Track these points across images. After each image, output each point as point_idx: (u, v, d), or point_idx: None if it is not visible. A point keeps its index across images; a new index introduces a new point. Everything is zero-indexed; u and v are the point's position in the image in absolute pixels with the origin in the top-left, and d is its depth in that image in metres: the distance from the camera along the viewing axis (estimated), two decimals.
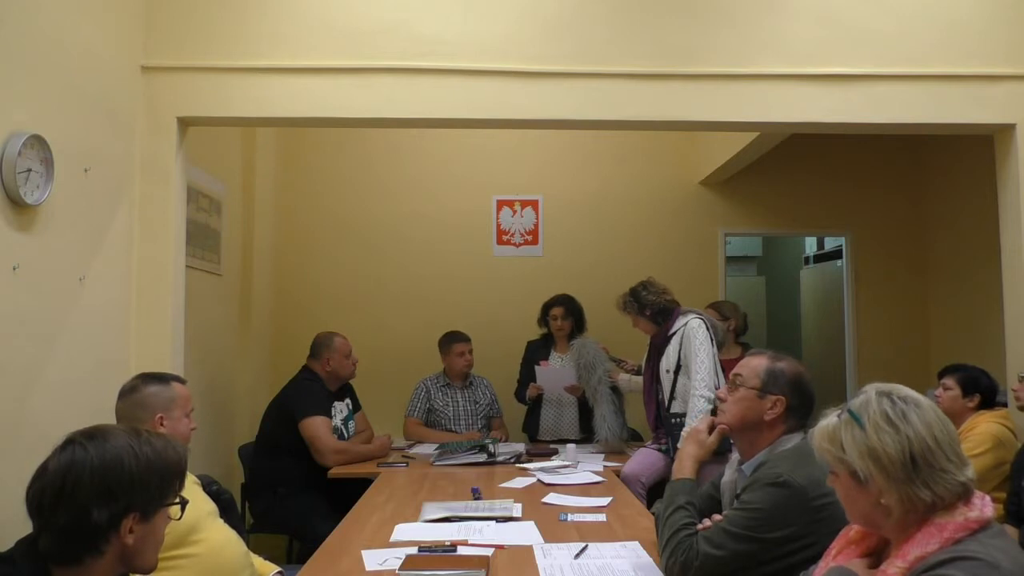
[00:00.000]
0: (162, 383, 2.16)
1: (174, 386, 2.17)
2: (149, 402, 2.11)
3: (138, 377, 2.18)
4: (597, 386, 3.88)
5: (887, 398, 1.24)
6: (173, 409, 2.13)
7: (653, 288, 3.52)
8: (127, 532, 1.27)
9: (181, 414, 2.15)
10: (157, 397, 2.12)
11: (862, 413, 1.23)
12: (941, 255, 5.12)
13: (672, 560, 1.74)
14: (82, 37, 2.57)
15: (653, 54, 3.14)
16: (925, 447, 1.18)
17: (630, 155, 5.14)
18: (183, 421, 2.16)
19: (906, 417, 1.20)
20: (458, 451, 3.49)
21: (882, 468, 1.19)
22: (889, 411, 1.21)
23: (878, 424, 1.21)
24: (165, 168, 3.00)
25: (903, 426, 1.20)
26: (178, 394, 2.16)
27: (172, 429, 2.10)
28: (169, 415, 2.11)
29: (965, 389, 3.17)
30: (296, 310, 4.94)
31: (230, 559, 2.03)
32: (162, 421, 2.09)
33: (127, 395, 2.13)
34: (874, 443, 1.20)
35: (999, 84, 3.16)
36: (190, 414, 2.19)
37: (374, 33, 3.09)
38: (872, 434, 1.20)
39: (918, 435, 1.19)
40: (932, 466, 1.17)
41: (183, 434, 2.14)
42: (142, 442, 1.32)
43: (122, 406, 2.12)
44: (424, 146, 5.09)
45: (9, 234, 2.17)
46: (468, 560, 1.86)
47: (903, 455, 1.18)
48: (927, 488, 1.17)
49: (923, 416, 1.21)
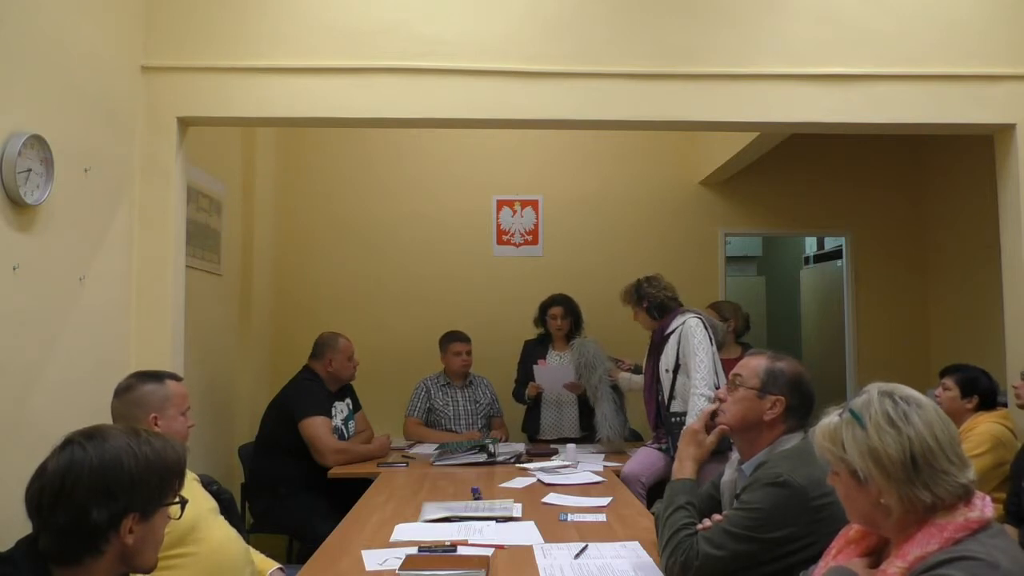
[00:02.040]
0: (157, 381, 2.13)
1: (169, 384, 2.14)
2: (143, 401, 2.09)
3: (133, 376, 2.16)
4: (598, 385, 3.88)
5: (889, 398, 1.23)
6: (167, 408, 2.11)
7: (656, 283, 3.54)
8: (127, 532, 1.27)
9: (176, 412, 2.13)
10: (151, 396, 2.10)
11: (863, 413, 1.22)
12: (941, 255, 5.12)
13: (672, 560, 1.74)
14: (82, 37, 2.57)
15: (653, 54, 3.14)
16: (926, 448, 1.18)
17: (630, 155, 5.14)
18: (179, 420, 2.14)
19: (907, 418, 1.20)
20: (458, 451, 3.49)
21: (882, 468, 1.19)
22: (891, 411, 1.21)
23: (879, 424, 1.20)
24: (165, 168, 3.00)
25: (904, 427, 1.19)
26: (173, 392, 2.13)
27: (167, 428, 2.08)
28: (163, 414, 2.09)
29: (964, 390, 3.16)
30: (296, 310, 4.94)
31: (231, 557, 2.03)
32: (156, 421, 2.08)
33: (122, 394, 2.12)
34: (875, 443, 1.19)
35: (999, 84, 3.16)
36: (187, 412, 2.17)
37: (374, 33, 3.09)
38: (873, 434, 1.20)
39: (919, 436, 1.18)
40: (933, 467, 1.17)
41: (180, 433, 2.12)
42: (141, 442, 1.32)
43: (117, 405, 2.11)
44: (424, 146, 5.09)
45: (9, 234, 2.17)
46: (468, 560, 1.86)
47: (904, 456, 1.17)
48: (927, 489, 1.17)
49: (925, 417, 1.20)
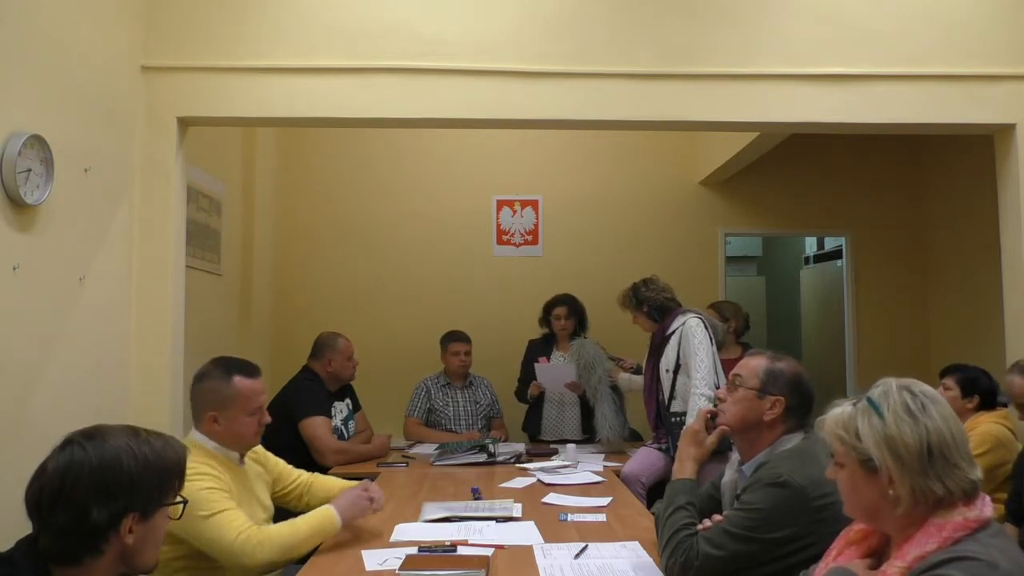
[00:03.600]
0: (224, 377, 2.04)
1: (236, 382, 2.04)
2: (204, 398, 2.04)
3: (209, 363, 2.08)
4: (597, 385, 3.88)
5: (907, 391, 1.24)
6: (229, 407, 2.02)
7: (653, 285, 3.53)
8: (127, 532, 1.27)
9: (240, 413, 2.03)
10: (212, 394, 2.03)
11: (881, 402, 1.23)
12: (941, 255, 5.12)
13: (672, 560, 1.74)
14: (82, 37, 2.57)
15: (653, 54, 3.14)
16: (943, 440, 1.19)
17: (630, 155, 5.14)
18: (242, 421, 2.04)
19: (925, 409, 1.21)
20: (458, 451, 3.49)
21: (898, 457, 1.19)
22: (909, 402, 1.22)
23: (898, 413, 1.21)
24: (165, 168, 3.00)
25: (923, 417, 1.20)
26: (238, 391, 2.03)
27: (227, 429, 2.01)
28: (223, 414, 2.01)
29: (964, 390, 3.16)
30: (296, 310, 4.94)
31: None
32: (215, 420, 2.01)
33: (194, 383, 2.07)
34: (892, 432, 1.20)
35: (999, 84, 3.16)
36: (256, 412, 2.07)
37: (374, 33, 3.10)
38: (892, 423, 1.21)
39: (937, 428, 1.19)
40: (947, 460, 1.18)
41: (243, 435, 2.05)
42: (141, 442, 1.32)
43: (192, 389, 2.07)
44: (424, 146, 5.09)
45: (9, 234, 2.17)
46: (468, 560, 1.85)
47: (920, 446, 1.18)
48: (939, 482, 1.17)
49: (941, 411, 1.22)
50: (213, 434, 2.05)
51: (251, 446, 2.18)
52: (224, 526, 1.87)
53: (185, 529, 1.85)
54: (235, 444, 2.09)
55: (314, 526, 2.01)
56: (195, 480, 1.89)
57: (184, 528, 1.84)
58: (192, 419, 2.11)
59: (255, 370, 2.11)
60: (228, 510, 1.90)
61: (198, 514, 1.84)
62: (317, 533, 2.01)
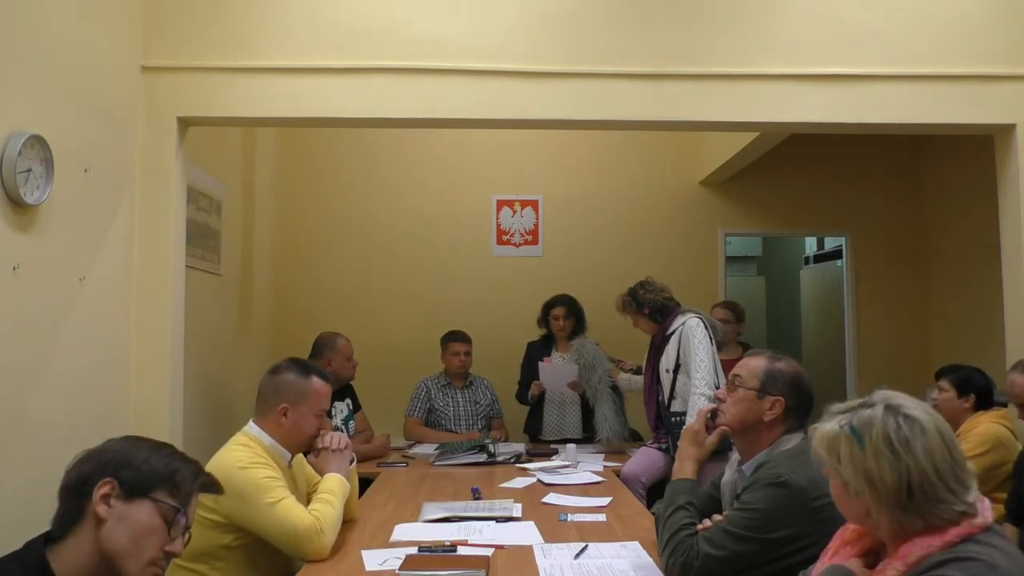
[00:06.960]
0: (302, 374, 2.12)
1: (313, 381, 2.12)
2: (281, 388, 2.09)
3: (288, 359, 2.17)
4: (598, 386, 3.89)
5: (894, 417, 1.18)
6: (301, 404, 2.08)
7: (651, 287, 3.54)
8: (100, 498, 1.28)
9: (309, 412, 2.10)
10: (290, 387, 2.09)
11: (864, 432, 1.18)
12: (941, 255, 5.12)
13: (672, 560, 1.74)
14: (82, 37, 2.57)
15: (653, 54, 3.14)
16: (924, 480, 1.14)
17: (630, 155, 5.14)
18: (308, 419, 2.10)
19: (909, 444, 1.15)
20: (458, 451, 3.49)
21: (875, 491, 1.16)
22: (892, 435, 1.16)
23: (879, 448, 1.16)
24: (165, 168, 3.00)
25: (904, 454, 1.15)
26: (313, 390, 2.11)
27: (294, 424, 2.07)
28: (295, 408, 2.07)
29: (960, 389, 3.16)
30: (296, 310, 4.94)
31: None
32: (286, 412, 2.06)
33: (271, 374, 2.13)
34: (871, 466, 1.16)
35: (999, 84, 3.16)
36: (320, 414, 2.13)
37: (374, 33, 3.09)
38: (871, 457, 1.17)
39: (919, 467, 1.14)
40: (928, 497, 1.14)
41: (305, 432, 2.11)
42: (164, 447, 1.40)
43: (265, 380, 2.13)
44: (424, 146, 5.09)
45: (9, 234, 2.17)
46: (468, 560, 1.86)
47: (899, 484, 1.14)
48: (919, 517, 1.15)
49: (927, 444, 1.15)
50: (277, 427, 2.09)
51: (303, 449, 2.22)
52: (290, 513, 1.93)
53: (249, 516, 1.91)
54: (292, 443, 2.14)
55: (340, 496, 2.10)
56: (256, 468, 1.96)
57: (247, 515, 1.91)
58: (255, 411, 2.14)
59: (329, 377, 2.21)
60: (289, 498, 1.97)
61: (265, 501, 1.91)
62: (343, 501, 2.11)
